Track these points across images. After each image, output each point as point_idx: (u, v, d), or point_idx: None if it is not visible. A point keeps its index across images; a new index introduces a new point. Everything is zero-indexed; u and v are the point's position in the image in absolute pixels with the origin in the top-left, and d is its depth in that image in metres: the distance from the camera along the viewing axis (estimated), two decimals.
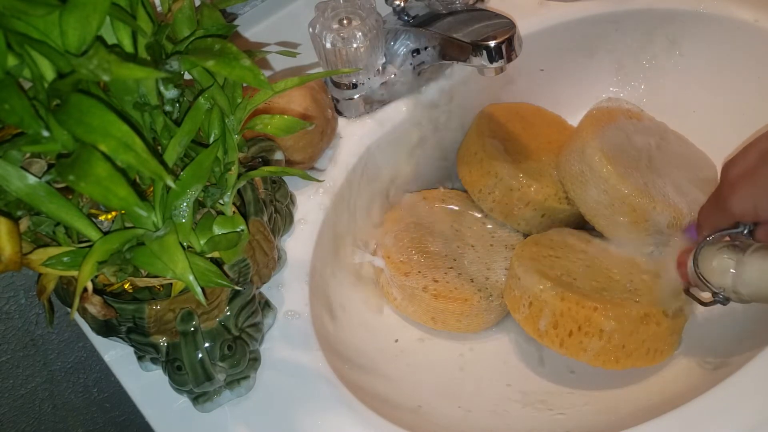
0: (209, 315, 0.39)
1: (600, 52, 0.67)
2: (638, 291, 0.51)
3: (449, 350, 0.56)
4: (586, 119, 0.60)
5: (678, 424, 0.41)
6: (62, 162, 0.30)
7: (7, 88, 0.29)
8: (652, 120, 0.63)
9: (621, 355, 0.49)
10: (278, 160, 0.47)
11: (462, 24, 0.54)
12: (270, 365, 0.44)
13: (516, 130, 0.64)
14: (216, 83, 0.36)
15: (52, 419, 0.69)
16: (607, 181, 0.55)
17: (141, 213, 0.32)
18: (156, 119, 0.35)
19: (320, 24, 0.54)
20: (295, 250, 0.50)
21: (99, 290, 0.38)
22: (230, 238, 0.37)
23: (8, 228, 0.32)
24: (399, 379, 0.52)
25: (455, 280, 0.56)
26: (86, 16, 0.29)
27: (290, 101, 0.52)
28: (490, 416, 0.50)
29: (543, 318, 0.50)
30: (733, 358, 0.47)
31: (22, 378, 0.64)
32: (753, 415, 0.40)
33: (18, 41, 0.30)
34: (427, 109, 0.61)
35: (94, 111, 0.29)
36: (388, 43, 0.57)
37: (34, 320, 0.62)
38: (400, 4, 0.57)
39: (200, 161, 0.35)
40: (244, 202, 0.42)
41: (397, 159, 0.61)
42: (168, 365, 0.40)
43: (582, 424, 0.48)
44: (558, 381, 0.53)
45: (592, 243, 0.57)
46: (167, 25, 0.35)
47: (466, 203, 0.63)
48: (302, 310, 0.47)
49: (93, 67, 0.28)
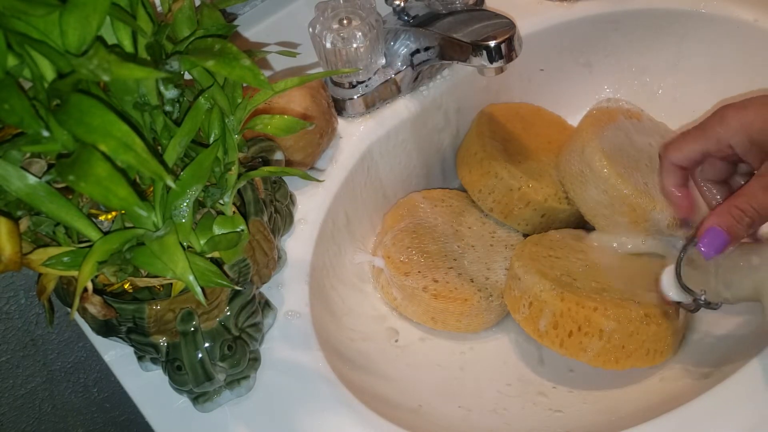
0: (209, 315, 0.39)
1: (600, 52, 0.67)
2: (638, 291, 0.51)
3: (449, 350, 0.56)
4: (586, 119, 0.60)
5: (678, 424, 0.41)
6: (62, 162, 0.30)
7: (7, 88, 0.29)
8: (652, 120, 0.63)
9: (621, 356, 0.49)
10: (278, 160, 0.47)
11: (462, 24, 0.54)
12: (270, 365, 0.44)
13: (516, 130, 0.64)
14: (216, 83, 0.36)
15: (52, 419, 0.69)
16: (607, 181, 0.55)
17: (141, 213, 0.32)
18: (156, 119, 0.35)
19: (320, 24, 0.54)
20: (295, 250, 0.50)
21: (99, 290, 0.38)
22: (230, 238, 0.37)
23: (8, 228, 0.32)
24: (399, 379, 0.52)
25: (455, 280, 0.56)
26: (86, 16, 0.29)
27: (290, 101, 0.52)
28: (490, 416, 0.50)
29: (543, 318, 0.50)
30: (733, 358, 0.47)
31: (22, 378, 0.64)
32: (752, 415, 0.40)
33: (18, 41, 0.30)
34: (426, 109, 0.61)
35: (94, 111, 0.29)
36: (388, 43, 0.57)
37: (34, 320, 0.62)
38: (400, 4, 0.57)
39: (200, 161, 0.35)
40: (244, 202, 0.42)
41: (396, 159, 0.61)
42: (168, 365, 0.40)
43: (582, 423, 0.48)
44: (558, 381, 0.53)
45: (592, 243, 0.57)
46: (167, 25, 0.35)
47: (466, 203, 0.63)
48: (302, 310, 0.47)
49: (93, 67, 0.28)
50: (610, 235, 0.57)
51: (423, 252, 0.57)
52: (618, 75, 0.68)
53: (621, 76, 0.68)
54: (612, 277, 0.53)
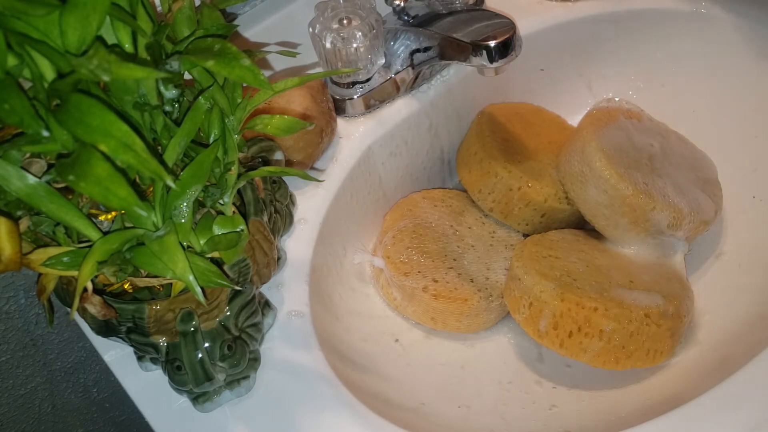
0: (209, 315, 0.39)
1: (600, 52, 0.67)
2: (638, 291, 0.51)
3: (449, 350, 0.56)
4: (586, 119, 0.60)
5: (678, 424, 0.41)
6: (62, 162, 0.30)
7: (7, 88, 0.29)
8: (652, 120, 0.63)
9: (621, 356, 0.49)
10: (278, 160, 0.47)
11: (462, 24, 0.54)
12: (270, 365, 0.44)
13: (516, 130, 0.64)
14: (216, 83, 0.36)
15: (52, 419, 0.69)
16: (607, 181, 0.55)
17: (141, 213, 0.32)
18: (156, 119, 0.35)
19: (320, 24, 0.54)
20: (295, 250, 0.50)
21: (99, 290, 0.38)
22: (230, 238, 0.37)
23: (8, 228, 0.32)
24: (399, 379, 0.52)
25: (455, 280, 0.56)
26: (86, 16, 0.29)
27: (290, 101, 0.52)
28: (490, 415, 0.50)
29: (543, 319, 0.50)
30: (732, 358, 0.47)
31: (22, 378, 0.64)
32: (753, 415, 0.40)
33: (18, 41, 0.30)
34: (426, 109, 0.61)
35: (94, 111, 0.29)
36: (388, 43, 0.57)
37: (34, 320, 0.62)
38: (400, 4, 0.57)
39: (200, 161, 0.35)
40: (244, 202, 0.42)
41: (396, 159, 0.61)
42: (168, 365, 0.40)
43: (582, 423, 0.48)
44: (558, 380, 0.53)
45: (592, 243, 0.57)
46: (167, 25, 0.35)
47: (466, 203, 0.63)
48: (302, 310, 0.47)
49: (93, 67, 0.28)
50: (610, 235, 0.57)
51: (423, 252, 0.57)
52: (618, 75, 0.68)
53: (621, 76, 0.68)
54: (612, 277, 0.53)
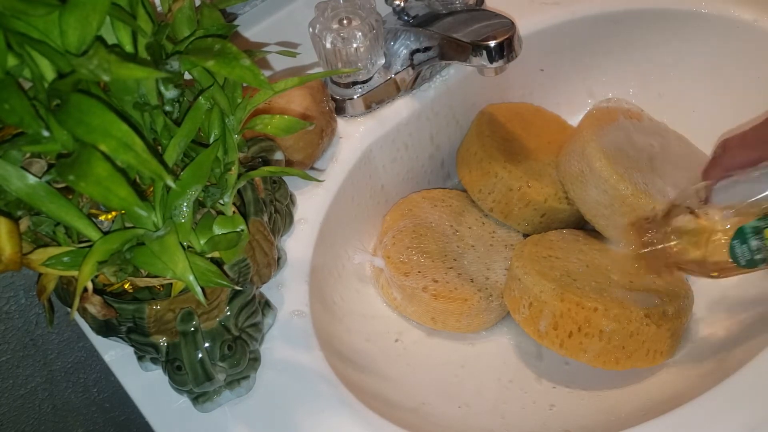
0: (209, 315, 0.39)
1: (600, 52, 0.67)
2: (638, 291, 0.51)
3: (449, 350, 0.56)
4: (586, 119, 0.60)
5: (678, 424, 0.41)
6: (62, 162, 0.30)
7: (7, 88, 0.29)
8: (652, 120, 0.63)
9: (621, 356, 0.49)
10: (278, 160, 0.47)
11: (462, 24, 0.54)
12: (270, 365, 0.44)
13: (516, 130, 0.64)
14: (216, 83, 0.36)
15: (52, 419, 0.69)
16: (607, 181, 0.55)
17: (141, 213, 0.32)
18: (156, 119, 0.35)
19: (320, 24, 0.54)
20: (295, 250, 0.50)
21: (99, 290, 0.38)
22: (230, 238, 0.37)
23: (8, 228, 0.32)
24: (399, 379, 0.52)
25: (455, 280, 0.56)
26: (86, 16, 0.29)
27: (290, 101, 0.52)
28: (490, 415, 0.50)
29: (543, 319, 0.50)
30: (732, 358, 0.47)
31: (22, 378, 0.64)
32: (753, 415, 0.40)
33: (18, 41, 0.30)
34: (426, 109, 0.60)
35: (94, 111, 0.29)
36: (388, 43, 0.57)
37: (34, 320, 0.62)
38: (400, 4, 0.57)
39: (200, 161, 0.35)
40: (244, 202, 0.42)
41: (396, 159, 0.61)
42: (168, 365, 0.40)
43: (581, 423, 0.48)
44: (557, 380, 0.53)
45: (592, 243, 0.57)
46: (167, 25, 0.35)
47: (466, 203, 0.63)
48: (302, 310, 0.47)
49: (93, 67, 0.28)
50: (610, 235, 0.57)
51: (423, 252, 0.57)
52: (618, 75, 0.68)
53: (621, 76, 0.68)
54: (612, 277, 0.53)
